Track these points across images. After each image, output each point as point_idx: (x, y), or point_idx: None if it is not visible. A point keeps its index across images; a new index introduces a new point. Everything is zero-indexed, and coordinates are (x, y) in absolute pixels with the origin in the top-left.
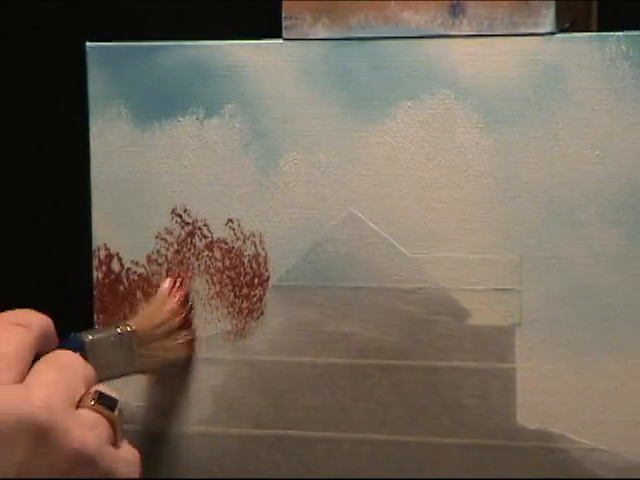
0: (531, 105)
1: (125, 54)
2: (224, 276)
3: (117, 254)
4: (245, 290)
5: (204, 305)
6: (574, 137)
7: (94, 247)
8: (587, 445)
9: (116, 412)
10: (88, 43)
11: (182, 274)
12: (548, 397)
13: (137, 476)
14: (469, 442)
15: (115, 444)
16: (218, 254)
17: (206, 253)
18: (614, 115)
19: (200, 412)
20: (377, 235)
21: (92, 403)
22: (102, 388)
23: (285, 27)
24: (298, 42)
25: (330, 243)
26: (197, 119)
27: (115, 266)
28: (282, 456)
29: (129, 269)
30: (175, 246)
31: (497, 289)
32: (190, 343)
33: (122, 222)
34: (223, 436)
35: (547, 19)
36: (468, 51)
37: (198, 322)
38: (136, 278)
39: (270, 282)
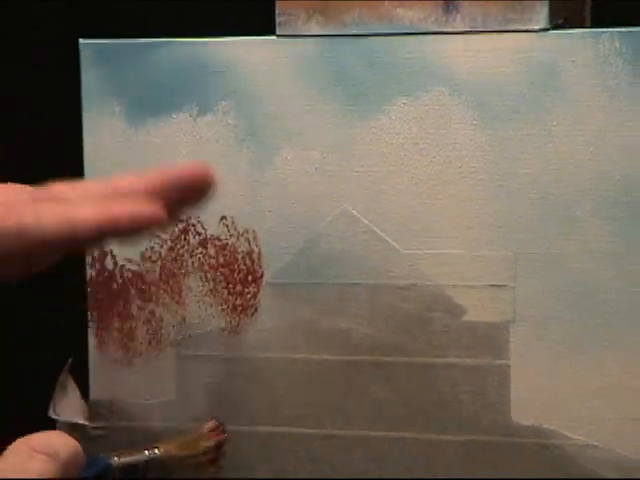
0: (525, 101)
1: (118, 51)
2: (218, 273)
3: (111, 251)
4: (239, 287)
5: (198, 302)
6: (568, 133)
7: None
8: (581, 441)
9: None
10: (81, 40)
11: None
12: (542, 393)
13: None
14: (464, 438)
15: None
16: (212, 251)
17: (200, 250)
18: (608, 112)
19: (194, 409)
20: (371, 232)
21: None
22: None
23: (279, 23)
24: (292, 38)
25: (324, 240)
26: (191, 116)
27: (109, 263)
28: (277, 453)
29: (123, 266)
30: (169, 243)
31: (491, 285)
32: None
33: None
34: None
35: (541, 15)
36: (462, 48)
37: (192, 319)
38: (130, 275)
39: (264, 279)
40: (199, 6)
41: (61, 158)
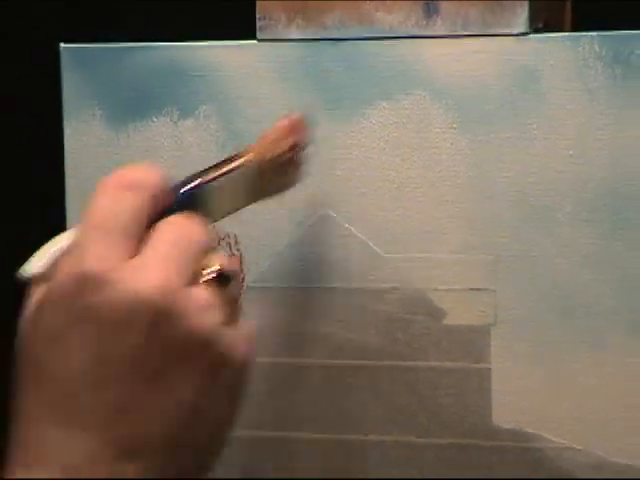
0: (505, 105)
1: (99, 55)
2: None
3: None
4: None
5: None
6: (548, 137)
7: None
8: (562, 444)
9: (233, 286)
10: (62, 44)
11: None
12: (523, 396)
13: (254, 354)
14: (445, 442)
15: (232, 321)
16: None
17: None
18: (587, 115)
19: None
20: (352, 235)
21: (208, 279)
22: (219, 259)
23: (259, 28)
24: (272, 43)
25: (305, 244)
26: (171, 120)
27: None
28: (258, 457)
29: None
30: None
31: (472, 289)
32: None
33: None
34: None
35: (520, 19)
36: (442, 51)
37: None
38: None
39: (245, 283)
40: (180, 10)
41: (43, 160)
